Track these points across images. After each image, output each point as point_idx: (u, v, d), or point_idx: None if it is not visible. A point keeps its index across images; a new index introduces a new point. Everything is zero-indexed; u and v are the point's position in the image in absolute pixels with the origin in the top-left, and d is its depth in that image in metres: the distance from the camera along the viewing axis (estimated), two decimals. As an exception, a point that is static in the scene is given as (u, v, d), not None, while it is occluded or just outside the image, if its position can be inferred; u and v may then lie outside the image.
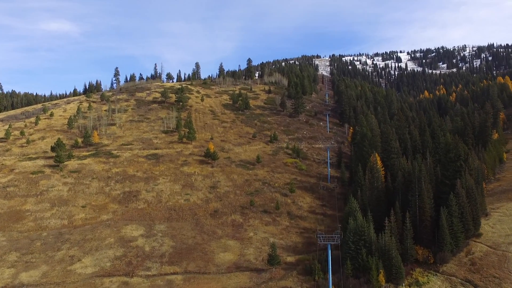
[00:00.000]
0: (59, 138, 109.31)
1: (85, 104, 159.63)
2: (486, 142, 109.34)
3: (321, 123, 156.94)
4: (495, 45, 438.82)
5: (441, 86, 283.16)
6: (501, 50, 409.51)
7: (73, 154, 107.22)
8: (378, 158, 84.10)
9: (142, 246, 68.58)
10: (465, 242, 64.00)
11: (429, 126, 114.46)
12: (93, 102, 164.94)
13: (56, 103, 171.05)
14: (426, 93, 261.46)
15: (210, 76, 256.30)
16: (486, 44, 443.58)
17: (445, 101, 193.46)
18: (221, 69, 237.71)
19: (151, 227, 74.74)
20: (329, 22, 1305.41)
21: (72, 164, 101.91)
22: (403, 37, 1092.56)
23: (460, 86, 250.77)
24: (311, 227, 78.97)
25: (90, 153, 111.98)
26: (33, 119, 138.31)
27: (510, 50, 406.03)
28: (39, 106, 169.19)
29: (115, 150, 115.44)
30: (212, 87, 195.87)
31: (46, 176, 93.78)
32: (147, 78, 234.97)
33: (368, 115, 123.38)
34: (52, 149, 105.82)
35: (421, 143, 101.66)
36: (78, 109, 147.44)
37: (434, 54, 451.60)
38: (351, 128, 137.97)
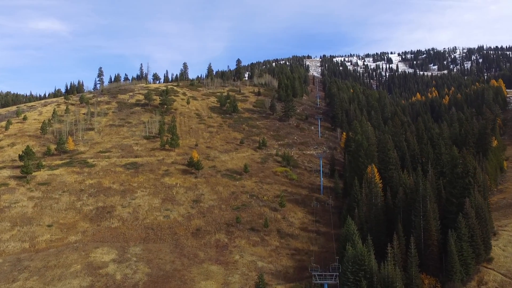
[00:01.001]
0: (28, 146, 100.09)
1: (63, 107, 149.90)
2: (486, 150, 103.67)
3: (312, 127, 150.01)
4: (484, 47, 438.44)
5: (433, 88, 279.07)
6: (491, 52, 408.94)
7: (44, 163, 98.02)
8: (376, 170, 77.29)
9: (112, 273, 60.35)
10: (476, 268, 57.42)
11: (425, 132, 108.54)
12: (72, 104, 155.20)
13: (32, 105, 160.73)
14: (418, 95, 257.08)
15: (199, 76, 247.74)
16: (476, 46, 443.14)
17: (438, 104, 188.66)
18: (209, 70, 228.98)
19: (125, 250, 66.52)
20: (318, 23, 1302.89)
21: (42, 175, 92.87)
22: (392, 39, 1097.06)
23: (453, 88, 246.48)
24: (303, 248, 71.67)
25: (63, 161, 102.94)
26: (3, 123, 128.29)
27: (500, 52, 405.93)
28: (14, 108, 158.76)
29: (91, 158, 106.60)
30: (200, 88, 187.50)
31: (10, 190, 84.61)
32: (133, 79, 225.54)
33: (362, 121, 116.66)
34: (20, 157, 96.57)
35: (419, 152, 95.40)
36: (54, 112, 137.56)
37: (424, 55, 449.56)
38: (344, 133, 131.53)
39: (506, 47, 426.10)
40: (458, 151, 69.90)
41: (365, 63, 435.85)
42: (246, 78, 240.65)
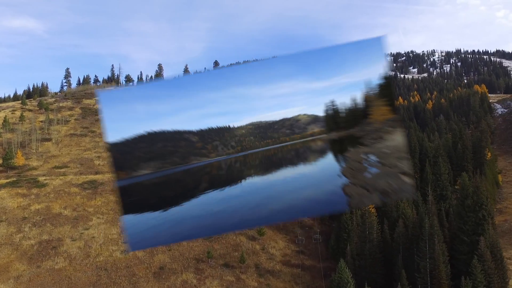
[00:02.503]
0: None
1: (18, 113, 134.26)
2: (481, 164, 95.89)
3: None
4: (462, 51, 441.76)
5: (415, 92, 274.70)
6: (469, 56, 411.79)
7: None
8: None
9: (48, 336, 47.93)
10: (492, 322, 48.13)
11: (417, 145, 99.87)
12: (29, 110, 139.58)
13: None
14: (400, 99, 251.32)
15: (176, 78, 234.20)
16: (454, 50, 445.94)
17: (422, 110, 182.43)
18: (186, 72, 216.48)
19: (68, 301, 54.10)
20: (297, 25, 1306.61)
21: (-22, 199, 78.82)
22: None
23: (435, 93, 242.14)
24: (286, 289, 61.00)
25: (8, 180, 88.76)
26: None
27: (477, 56, 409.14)
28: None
29: (44, 175, 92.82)
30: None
31: None
32: (104, 81, 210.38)
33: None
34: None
35: (412, 167, 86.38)
36: (5, 120, 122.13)
37: (404, 58, 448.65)
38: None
39: (482, 51, 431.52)
40: (468, 179, 60.87)
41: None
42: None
